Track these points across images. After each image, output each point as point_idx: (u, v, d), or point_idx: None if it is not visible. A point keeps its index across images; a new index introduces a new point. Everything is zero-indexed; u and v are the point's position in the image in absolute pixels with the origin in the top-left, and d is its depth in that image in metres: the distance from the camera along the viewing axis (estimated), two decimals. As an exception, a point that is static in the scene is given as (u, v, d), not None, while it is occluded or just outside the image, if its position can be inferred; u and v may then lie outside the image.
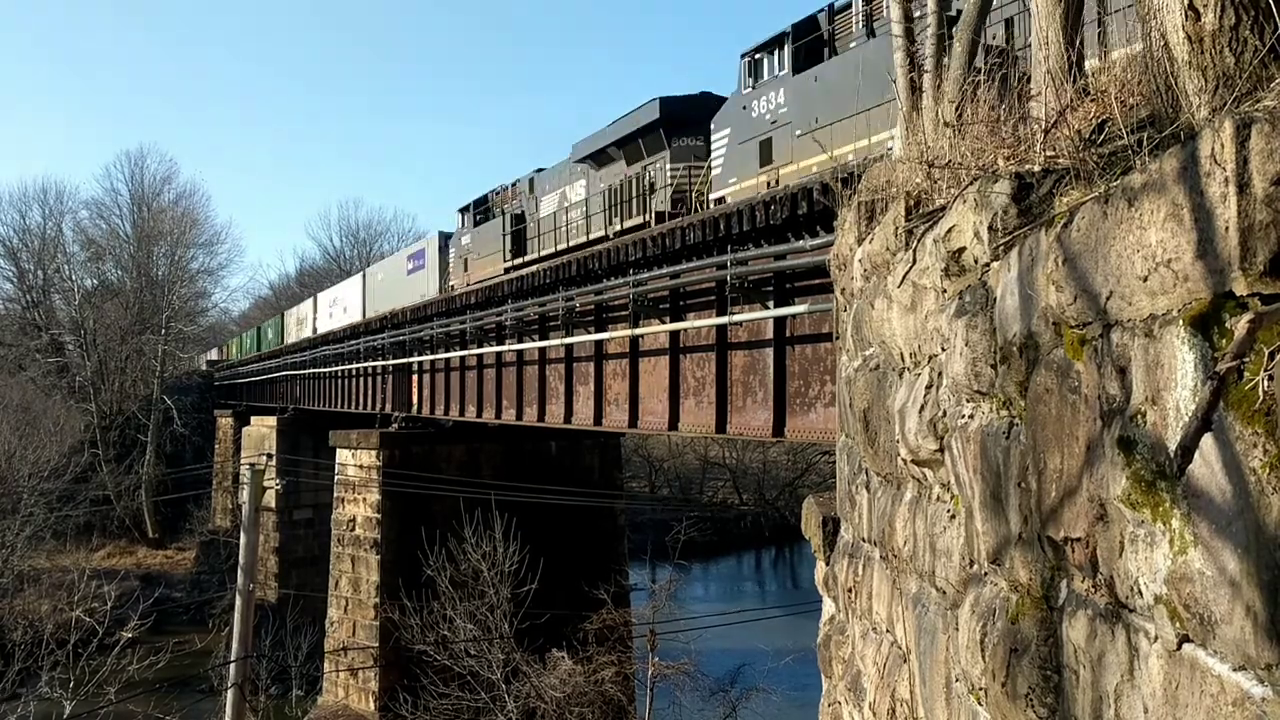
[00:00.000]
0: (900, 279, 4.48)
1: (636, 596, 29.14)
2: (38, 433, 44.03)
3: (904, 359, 4.61)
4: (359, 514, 27.00)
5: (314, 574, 34.69)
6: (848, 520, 6.31)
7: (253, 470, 18.45)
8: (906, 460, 4.45)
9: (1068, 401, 2.74)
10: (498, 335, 23.58)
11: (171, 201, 67.79)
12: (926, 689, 4.17)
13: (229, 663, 17.52)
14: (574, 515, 26.57)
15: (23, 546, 36.77)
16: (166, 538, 51.81)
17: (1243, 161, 2.02)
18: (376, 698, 25.08)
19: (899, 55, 6.28)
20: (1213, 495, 2.08)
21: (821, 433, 13.00)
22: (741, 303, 14.37)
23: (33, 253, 63.89)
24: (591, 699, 21.02)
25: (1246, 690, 1.99)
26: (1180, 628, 2.22)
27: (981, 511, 3.44)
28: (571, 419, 20.01)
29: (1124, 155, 2.75)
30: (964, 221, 3.64)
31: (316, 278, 79.44)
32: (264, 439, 42.27)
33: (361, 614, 26.36)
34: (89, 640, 22.41)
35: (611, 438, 30.06)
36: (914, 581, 4.48)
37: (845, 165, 10.47)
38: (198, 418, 58.09)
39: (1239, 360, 2.01)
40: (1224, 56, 2.36)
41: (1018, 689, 3.04)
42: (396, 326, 30.77)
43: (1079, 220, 2.69)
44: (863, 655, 5.58)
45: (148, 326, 58.99)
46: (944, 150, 4.45)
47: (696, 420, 15.90)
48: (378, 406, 31.83)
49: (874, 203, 5.61)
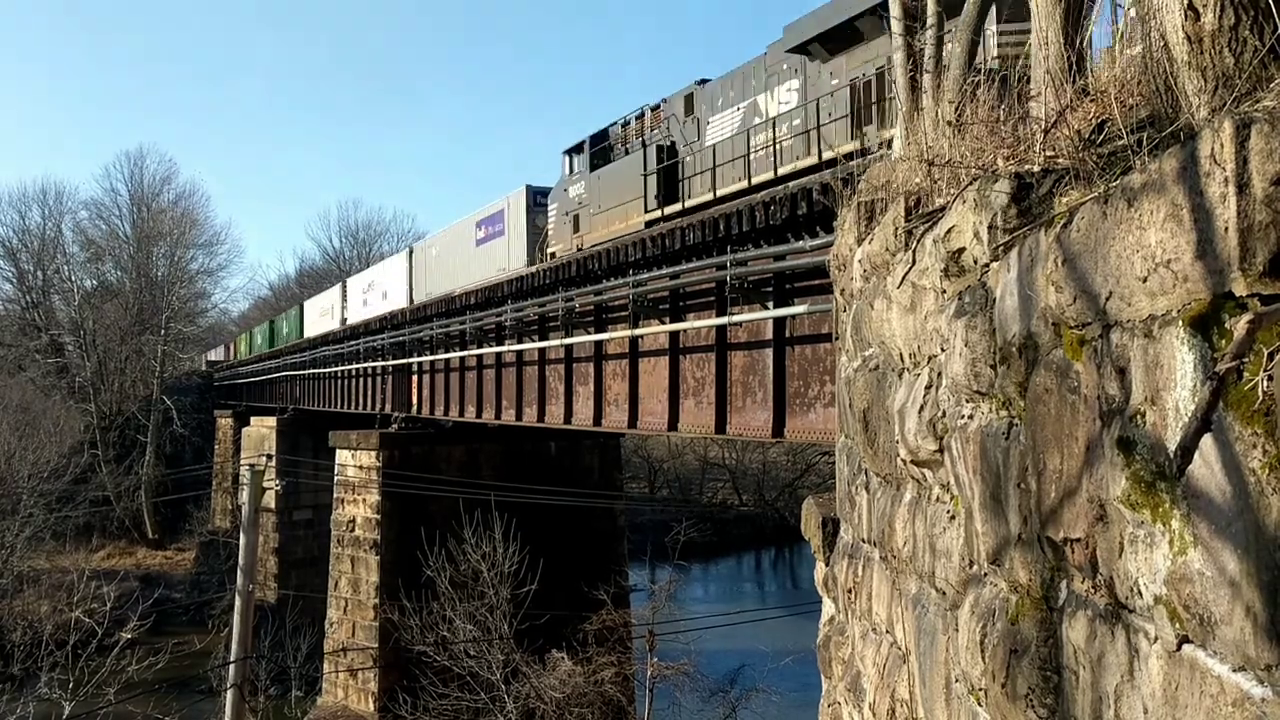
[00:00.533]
0: (900, 279, 4.48)
1: (636, 597, 29.13)
2: (37, 433, 44.04)
3: (903, 359, 4.61)
4: (359, 514, 27.00)
5: (314, 575, 34.67)
6: (847, 521, 6.31)
7: (252, 471, 18.45)
8: (906, 461, 4.45)
9: (1067, 402, 2.74)
10: (497, 336, 23.58)
11: (171, 202, 67.88)
12: (926, 689, 4.16)
13: (228, 663, 17.52)
14: (574, 516, 26.57)
15: (22, 547, 36.79)
16: (166, 538, 51.82)
17: (1242, 162, 2.01)
18: (376, 698, 25.08)
19: (899, 55, 6.27)
20: (1212, 496, 2.08)
21: (821, 433, 13.00)
22: (741, 303, 14.38)
23: (32, 253, 63.92)
24: (591, 699, 21.02)
25: (1246, 691, 1.99)
26: (1180, 628, 2.22)
27: (981, 512, 3.44)
28: (571, 419, 20.01)
29: (1124, 155, 2.74)
30: (964, 222, 3.64)
31: (316, 278, 79.46)
32: (264, 439, 42.28)
33: (361, 614, 26.36)
34: (88, 641, 22.40)
35: (611, 438, 30.05)
36: (914, 582, 4.47)
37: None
38: (197, 418, 58.10)
39: (1238, 361, 2.01)
40: (1224, 57, 2.36)
41: (1018, 690, 3.04)
42: (396, 327, 30.78)
43: (1079, 220, 2.68)
44: (862, 656, 5.57)
45: (147, 327, 59.00)
46: (944, 150, 4.45)
47: (696, 421, 15.91)
48: (377, 407, 31.84)
49: (874, 203, 5.61)
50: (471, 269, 27.48)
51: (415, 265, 32.92)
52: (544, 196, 25.02)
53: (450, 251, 30.03)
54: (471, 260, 27.93)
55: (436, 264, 31.08)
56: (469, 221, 28.96)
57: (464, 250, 28.74)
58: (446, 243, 30.85)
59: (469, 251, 28.39)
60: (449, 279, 28.92)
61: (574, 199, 23.00)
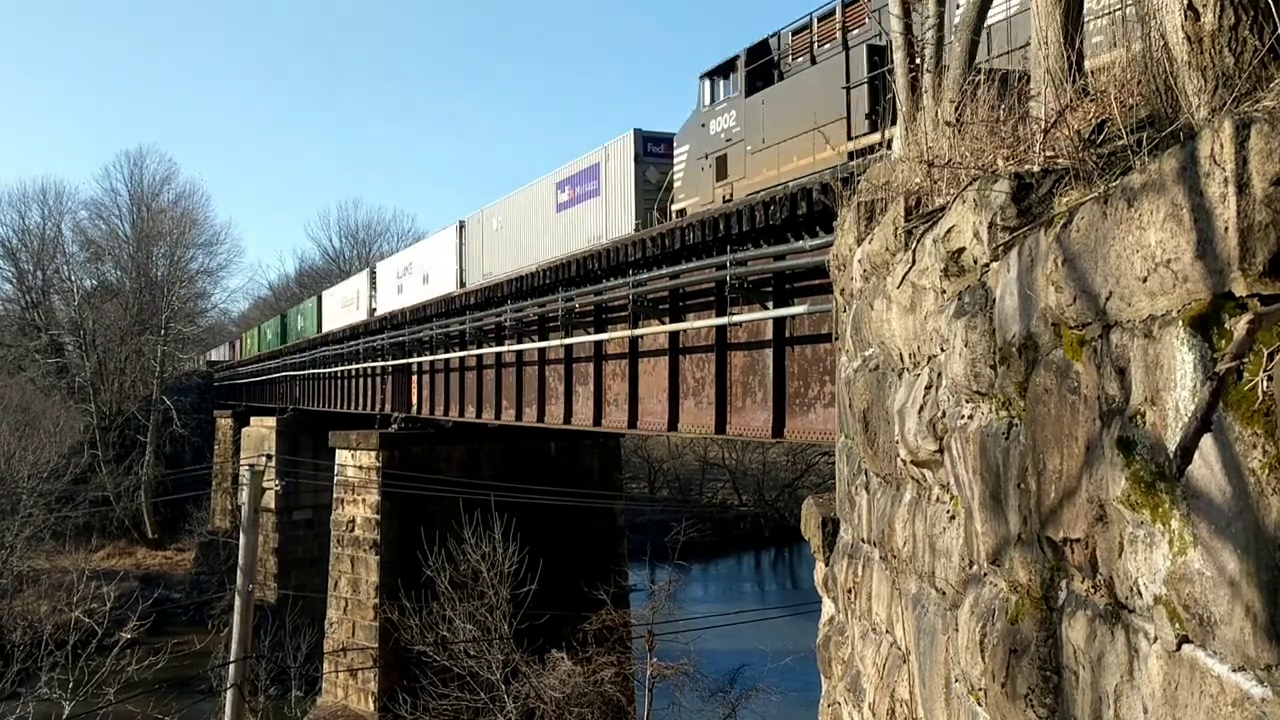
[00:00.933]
0: (900, 279, 4.48)
1: (636, 597, 29.15)
2: (37, 433, 44.07)
3: (903, 359, 4.61)
4: (358, 515, 27.02)
5: (313, 575, 34.69)
6: (847, 521, 6.31)
7: (252, 471, 18.46)
8: (906, 461, 4.45)
9: (1067, 402, 2.74)
10: (497, 336, 23.59)
11: (171, 202, 67.85)
12: (926, 689, 4.16)
13: (228, 663, 17.52)
14: (573, 516, 26.58)
15: (22, 547, 36.79)
16: (166, 538, 51.84)
17: (1242, 162, 2.01)
18: (376, 698, 25.09)
19: (899, 55, 6.28)
20: (1212, 496, 2.08)
21: (821, 433, 13.00)
22: (741, 303, 14.38)
23: (32, 253, 63.92)
24: (591, 699, 21.04)
25: (1246, 691, 1.99)
26: (1180, 628, 2.22)
27: (981, 512, 3.44)
28: (571, 419, 20.02)
29: (1123, 155, 2.75)
30: (963, 222, 3.64)
31: (316, 278, 79.42)
32: (263, 439, 42.28)
33: (361, 614, 26.38)
34: (88, 641, 22.43)
35: (611, 438, 30.06)
36: (913, 582, 4.47)
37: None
38: (197, 418, 58.11)
39: (1238, 361, 2.01)
40: (1223, 56, 2.36)
41: (1017, 689, 3.04)
42: (396, 327, 30.79)
43: (1078, 220, 2.68)
44: (862, 656, 5.57)
45: (147, 327, 59.01)
46: (944, 150, 4.45)
47: (696, 421, 15.91)
48: (377, 407, 31.86)
49: (874, 203, 5.61)
50: (548, 241, 22.42)
51: (467, 242, 27.73)
52: (656, 144, 19.85)
53: (518, 222, 24.53)
54: (549, 230, 22.65)
55: (497, 239, 25.74)
56: (545, 183, 23.16)
57: (539, 219, 23.31)
58: (512, 211, 25.06)
59: (546, 220, 22.91)
60: (516, 255, 23.89)
61: (718, 136, 17.39)
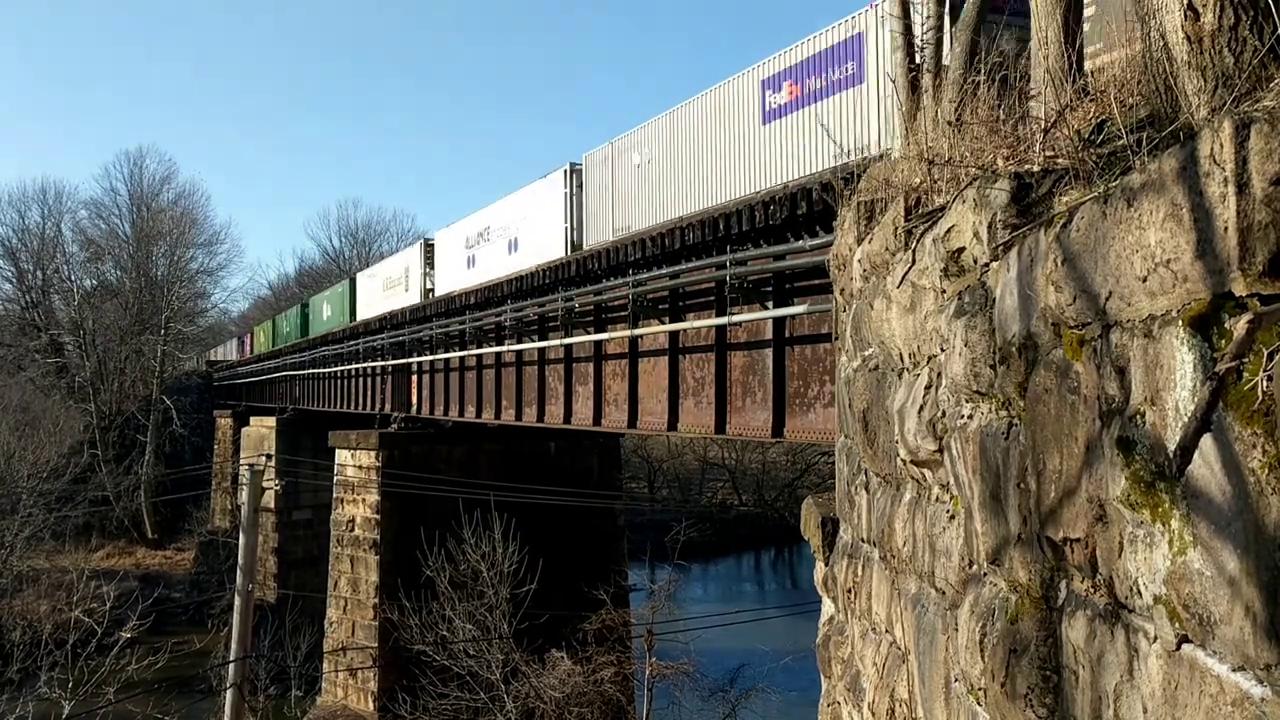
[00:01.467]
0: (899, 279, 4.48)
1: (636, 597, 29.15)
2: (37, 433, 44.07)
3: (903, 359, 4.61)
4: (358, 514, 27.02)
5: (313, 574, 34.70)
6: (847, 521, 6.31)
7: (252, 471, 18.45)
8: (906, 461, 4.45)
9: (1067, 402, 2.74)
10: (497, 336, 23.60)
11: (170, 201, 67.81)
12: (926, 689, 4.16)
13: (228, 663, 17.52)
14: (573, 516, 26.58)
15: (22, 547, 36.78)
16: (165, 538, 51.83)
17: (1242, 161, 2.02)
18: (375, 698, 25.09)
19: (899, 54, 6.28)
20: (1212, 495, 2.08)
21: (821, 433, 13.01)
22: (741, 303, 14.39)
23: (32, 253, 63.92)
24: (590, 699, 21.04)
25: (1246, 690, 1.99)
26: (1179, 628, 2.22)
27: (981, 512, 3.44)
28: (571, 419, 20.02)
29: (1123, 155, 2.75)
30: (963, 221, 3.64)
31: (316, 278, 79.35)
32: (263, 439, 42.28)
33: (360, 614, 26.38)
34: (88, 640, 22.42)
35: (611, 438, 30.07)
36: (913, 582, 4.48)
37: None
38: (197, 418, 58.10)
39: (1238, 361, 2.01)
40: (1223, 56, 2.36)
41: (1017, 689, 3.04)
42: (396, 327, 30.79)
43: (1078, 220, 2.68)
44: (862, 655, 5.57)
45: (147, 327, 59.03)
46: (944, 149, 4.45)
47: (696, 421, 15.91)
48: (377, 407, 31.85)
49: (874, 203, 5.61)
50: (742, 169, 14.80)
51: (588, 189, 19.73)
52: None
53: (684, 149, 16.39)
54: (746, 153, 14.74)
55: (641, 179, 17.64)
56: (740, 83, 14.89)
57: (726, 138, 15.21)
58: (674, 135, 16.64)
59: (742, 137, 14.81)
60: (679, 196, 16.39)
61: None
